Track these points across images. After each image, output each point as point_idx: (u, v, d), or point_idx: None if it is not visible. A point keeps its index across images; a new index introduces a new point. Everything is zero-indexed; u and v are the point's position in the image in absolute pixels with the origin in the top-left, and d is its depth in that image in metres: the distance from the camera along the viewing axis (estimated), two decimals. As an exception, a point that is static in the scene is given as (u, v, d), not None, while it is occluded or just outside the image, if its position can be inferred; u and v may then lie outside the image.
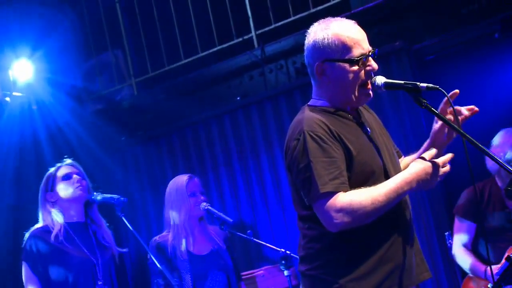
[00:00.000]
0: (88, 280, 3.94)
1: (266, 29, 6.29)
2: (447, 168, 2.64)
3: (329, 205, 2.54)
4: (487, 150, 2.60)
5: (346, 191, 2.57)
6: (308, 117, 2.68)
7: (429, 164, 2.59)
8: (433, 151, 2.64)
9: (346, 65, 2.68)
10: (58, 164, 4.20)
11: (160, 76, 6.79)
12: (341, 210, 2.53)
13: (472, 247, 4.66)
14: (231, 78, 6.47)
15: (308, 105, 2.81)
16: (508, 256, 4.01)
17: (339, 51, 2.68)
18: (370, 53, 2.71)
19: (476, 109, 2.78)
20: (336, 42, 2.68)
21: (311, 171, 2.56)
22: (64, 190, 4.07)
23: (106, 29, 7.01)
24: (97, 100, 6.97)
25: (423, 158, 2.61)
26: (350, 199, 2.54)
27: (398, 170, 2.82)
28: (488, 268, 4.40)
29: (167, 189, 4.66)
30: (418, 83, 2.66)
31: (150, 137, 6.90)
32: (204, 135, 6.60)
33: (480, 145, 2.57)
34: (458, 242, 4.68)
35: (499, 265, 4.24)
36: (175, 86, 6.67)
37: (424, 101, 2.66)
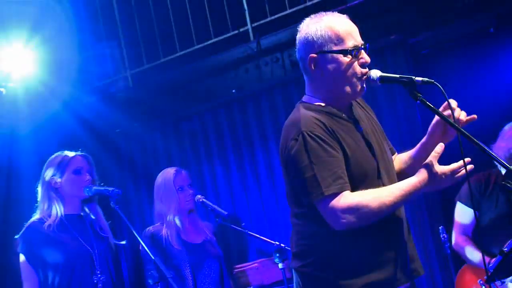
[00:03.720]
0: (85, 269, 3.94)
1: (262, 21, 6.28)
2: (460, 173, 2.62)
3: (335, 205, 2.55)
4: (482, 144, 2.60)
5: (349, 190, 2.58)
6: (305, 116, 2.67)
7: (438, 172, 2.57)
8: (439, 148, 2.62)
9: (340, 56, 2.67)
10: (72, 154, 4.16)
11: (156, 68, 6.78)
12: (348, 210, 2.54)
13: (472, 235, 4.67)
14: (227, 71, 6.46)
15: (302, 102, 2.79)
16: (501, 250, 4.02)
17: (332, 42, 2.67)
18: (362, 46, 2.71)
19: (475, 116, 2.78)
20: (329, 33, 2.68)
21: (313, 171, 2.56)
22: (70, 184, 4.05)
23: (101, 21, 6.99)
24: (92, 91, 6.95)
25: (431, 164, 2.58)
26: (358, 200, 2.54)
27: (391, 168, 2.82)
28: (492, 260, 4.41)
29: (156, 183, 4.68)
30: (413, 77, 2.66)
31: (144, 129, 6.89)
32: (199, 127, 6.60)
33: (475, 140, 2.57)
34: (459, 229, 4.69)
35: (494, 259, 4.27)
36: (171, 78, 6.66)
37: (419, 95, 2.66)
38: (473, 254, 4.58)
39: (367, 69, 2.73)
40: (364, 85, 2.73)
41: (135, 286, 6.31)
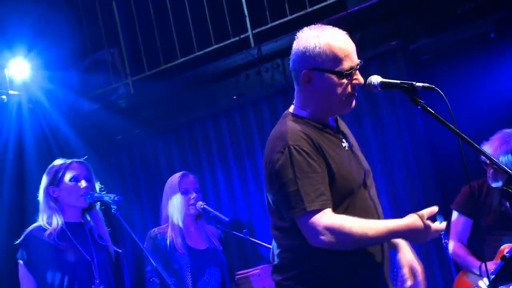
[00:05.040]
0: (84, 279, 3.92)
1: (263, 28, 6.29)
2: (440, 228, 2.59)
3: (316, 221, 2.52)
4: (483, 150, 2.61)
5: (330, 208, 2.55)
6: (292, 129, 2.66)
7: (427, 227, 2.53)
8: (434, 208, 2.60)
9: (335, 77, 2.64)
10: (69, 161, 4.13)
11: (157, 75, 6.79)
12: (330, 229, 2.51)
13: (467, 243, 4.69)
14: (228, 77, 6.47)
15: (290, 114, 2.78)
16: (503, 256, 4.02)
17: (329, 61, 2.64)
18: (357, 66, 2.68)
19: None
20: (328, 52, 2.64)
21: (296, 186, 2.54)
22: (67, 193, 4.02)
23: (102, 28, 7.00)
24: (93, 98, 6.96)
25: (421, 216, 2.55)
26: (342, 222, 2.51)
27: (373, 185, 2.81)
28: (483, 264, 4.44)
29: (165, 187, 4.69)
30: (414, 83, 2.66)
31: (146, 136, 6.89)
32: (200, 134, 6.60)
33: (476, 145, 2.58)
34: (454, 237, 4.72)
35: (492, 262, 4.29)
36: (172, 85, 6.67)
37: (420, 100, 2.66)
38: (469, 261, 4.59)
39: (356, 90, 2.71)
40: (353, 105, 2.73)
41: (137, 292, 6.31)
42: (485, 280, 4.39)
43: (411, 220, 2.53)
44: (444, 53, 5.84)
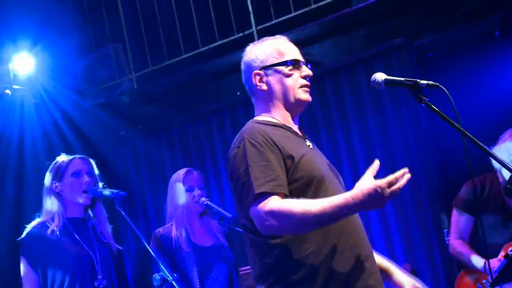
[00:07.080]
0: (86, 275, 3.92)
1: (267, 24, 6.28)
2: (397, 185, 2.42)
3: (261, 206, 2.52)
4: (487, 148, 2.60)
5: (283, 193, 2.55)
6: (251, 127, 2.72)
7: (373, 186, 2.39)
8: (375, 165, 2.49)
9: (282, 68, 2.79)
10: (71, 157, 4.14)
11: (161, 70, 6.78)
12: (271, 212, 2.49)
13: (469, 240, 4.67)
14: (232, 73, 6.45)
15: (252, 120, 2.83)
16: (507, 254, 4.02)
17: (274, 57, 2.82)
18: (303, 62, 2.82)
19: None
20: (271, 49, 2.84)
21: (248, 175, 2.56)
22: (70, 188, 4.01)
23: (106, 22, 7.00)
24: (97, 93, 6.96)
25: (367, 179, 2.42)
26: (281, 204, 2.49)
27: (342, 183, 2.80)
28: (487, 262, 4.43)
29: (169, 184, 4.68)
30: (418, 80, 2.66)
31: (149, 131, 6.90)
32: (204, 129, 6.61)
33: (481, 143, 2.57)
34: (456, 234, 4.70)
35: (496, 259, 4.28)
36: (175, 80, 6.66)
37: (424, 98, 2.66)
38: (471, 259, 4.58)
39: (308, 83, 2.80)
40: (309, 96, 2.80)
41: (140, 288, 6.31)
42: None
43: (356, 189, 2.41)
44: (448, 51, 5.84)
